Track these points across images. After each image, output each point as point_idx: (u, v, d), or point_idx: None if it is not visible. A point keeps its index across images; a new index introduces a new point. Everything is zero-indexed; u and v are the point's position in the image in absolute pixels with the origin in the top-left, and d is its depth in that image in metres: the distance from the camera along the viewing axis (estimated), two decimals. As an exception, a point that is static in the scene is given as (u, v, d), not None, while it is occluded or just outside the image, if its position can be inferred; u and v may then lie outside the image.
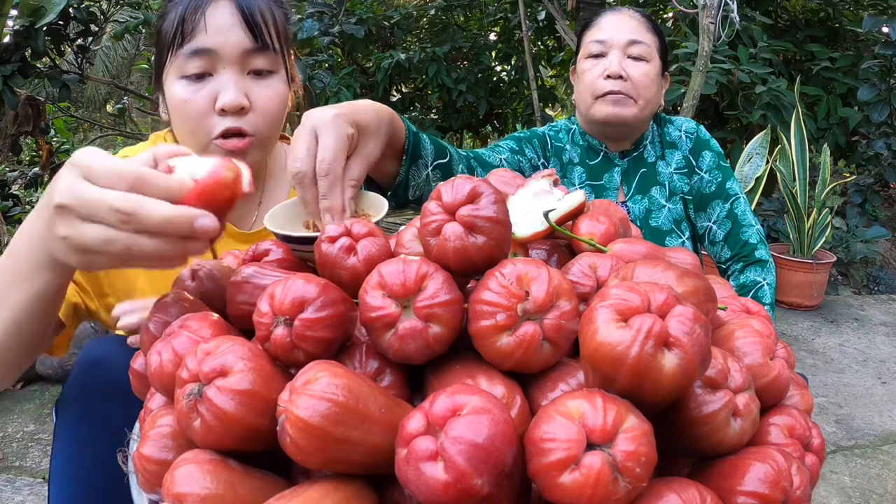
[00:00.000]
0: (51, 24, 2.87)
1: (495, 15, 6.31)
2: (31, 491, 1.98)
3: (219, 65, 0.95)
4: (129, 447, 0.63)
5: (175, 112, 0.98)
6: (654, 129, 1.54)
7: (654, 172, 1.51)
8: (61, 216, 0.58)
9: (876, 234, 3.93)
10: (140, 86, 8.68)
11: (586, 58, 1.48)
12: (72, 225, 0.58)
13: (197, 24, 0.93)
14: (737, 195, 1.48)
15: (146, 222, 0.56)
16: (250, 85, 0.98)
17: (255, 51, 0.97)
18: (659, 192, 1.50)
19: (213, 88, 0.95)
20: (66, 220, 0.58)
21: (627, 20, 1.47)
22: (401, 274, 0.54)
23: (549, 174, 0.79)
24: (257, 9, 0.96)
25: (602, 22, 1.48)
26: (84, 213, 0.57)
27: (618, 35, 1.44)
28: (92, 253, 0.58)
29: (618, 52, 1.42)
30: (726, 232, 1.47)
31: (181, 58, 0.95)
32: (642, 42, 1.44)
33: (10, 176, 4.20)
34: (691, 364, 0.46)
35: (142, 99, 6.11)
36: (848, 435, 2.37)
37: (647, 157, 1.53)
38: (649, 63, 1.44)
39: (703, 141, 1.51)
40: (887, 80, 3.97)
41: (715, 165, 1.48)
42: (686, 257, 0.72)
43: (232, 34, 0.95)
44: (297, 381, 0.48)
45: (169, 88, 0.98)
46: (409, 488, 0.44)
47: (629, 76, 1.41)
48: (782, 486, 0.48)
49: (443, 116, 6.33)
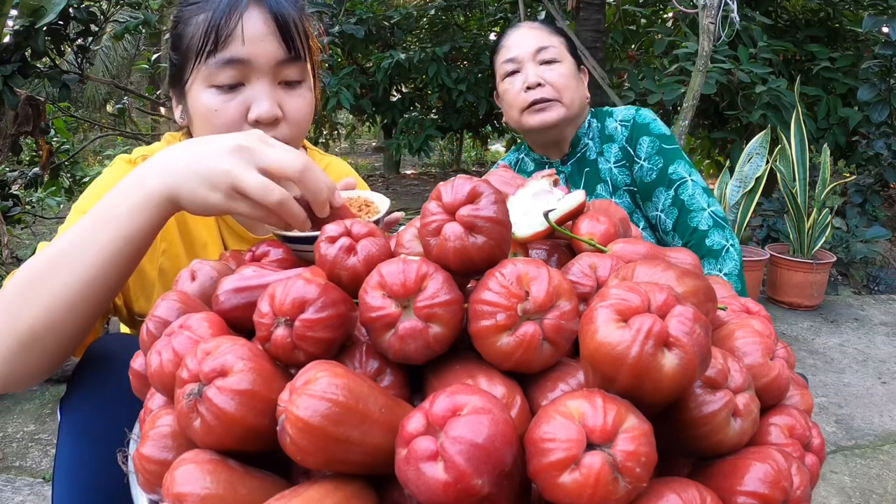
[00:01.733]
0: (51, 24, 2.87)
1: (495, 15, 6.31)
2: (31, 491, 1.98)
3: (251, 75, 0.94)
4: (129, 447, 0.63)
5: (203, 120, 0.96)
6: (593, 126, 1.54)
7: (596, 169, 1.52)
8: (235, 154, 0.69)
9: (876, 234, 3.93)
10: (140, 86, 8.68)
11: (503, 79, 1.53)
12: (242, 165, 0.69)
13: (231, 33, 0.91)
14: (682, 179, 1.39)
15: (312, 184, 0.72)
16: (282, 95, 0.97)
17: (288, 61, 0.95)
18: (603, 188, 1.51)
19: (246, 98, 0.94)
20: (239, 159, 0.69)
21: (529, 31, 1.53)
22: (401, 274, 0.54)
23: (550, 174, 0.79)
24: (291, 18, 0.95)
25: (507, 42, 1.54)
26: (261, 158, 0.70)
27: (524, 47, 1.49)
28: (239, 196, 0.70)
29: (530, 63, 1.48)
30: (674, 220, 1.40)
31: (212, 66, 0.92)
32: (549, 46, 1.49)
33: (10, 176, 4.19)
34: (691, 364, 0.46)
35: (142, 99, 6.12)
36: (848, 435, 2.37)
37: (589, 154, 1.54)
38: (562, 63, 1.49)
39: (641, 126, 1.45)
40: (887, 80, 3.97)
41: (655, 151, 1.42)
42: (686, 257, 0.72)
43: (267, 44, 0.93)
44: (297, 381, 0.48)
45: (195, 96, 0.95)
46: (409, 488, 0.44)
47: (546, 81, 1.46)
48: (782, 486, 0.48)
49: (443, 116, 6.33)
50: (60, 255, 0.72)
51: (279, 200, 0.70)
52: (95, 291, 0.73)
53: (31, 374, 0.75)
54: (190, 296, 0.68)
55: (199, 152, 0.71)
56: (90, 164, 6.78)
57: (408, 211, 5.25)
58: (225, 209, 0.72)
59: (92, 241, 0.72)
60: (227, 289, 0.64)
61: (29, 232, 4.73)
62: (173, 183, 0.71)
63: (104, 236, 0.72)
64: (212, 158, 0.70)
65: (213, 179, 0.70)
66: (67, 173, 4.72)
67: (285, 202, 0.70)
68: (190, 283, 0.71)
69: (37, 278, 0.72)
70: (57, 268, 0.71)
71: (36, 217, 4.62)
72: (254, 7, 0.93)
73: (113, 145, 7.52)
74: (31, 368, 0.74)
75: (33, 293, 0.71)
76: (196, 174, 0.70)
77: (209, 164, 0.70)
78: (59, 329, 0.72)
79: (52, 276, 0.71)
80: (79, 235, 0.72)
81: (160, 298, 0.66)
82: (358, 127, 8.82)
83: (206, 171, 0.70)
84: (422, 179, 8.29)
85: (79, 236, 0.72)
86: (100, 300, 0.74)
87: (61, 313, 0.71)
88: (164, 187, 0.71)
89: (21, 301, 0.71)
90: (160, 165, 0.73)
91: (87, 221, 0.73)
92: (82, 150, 5.45)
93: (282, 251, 0.75)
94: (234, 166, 0.69)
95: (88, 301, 0.73)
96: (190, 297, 0.68)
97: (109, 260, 0.72)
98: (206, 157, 0.70)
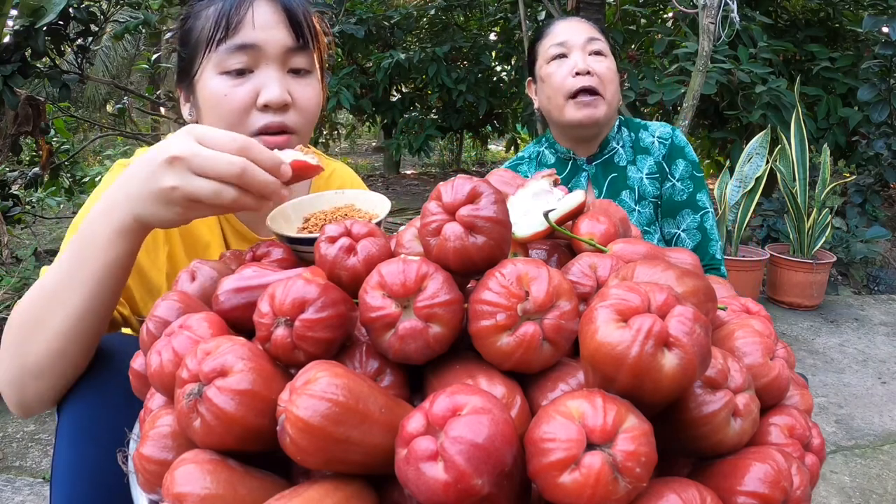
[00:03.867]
0: (51, 24, 2.87)
1: (495, 15, 6.31)
2: (31, 491, 1.98)
3: (261, 61, 0.96)
4: (129, 447, 0.63)
5: (212, 107, 0.97)
6: (624, 135, 1.57)
7: (624, 177, 1.54)
8: (173, 168, 0.68)
9: (876, 234, 3.93)
10: (140, 86, 8.68)
11: (549, 62, 1.51)
12: (184, 176, 0.68)
13: (242, 20, 0.94)
14: (706, 209, 1.51)
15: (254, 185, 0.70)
16: (291, 82, 0.98)
17: (297, 49, 0.97)
18: (628, 195, 1.53)
19: (255, 84, 0.95)
20: (179, 172, 0.68)
21: (579, 23, 1.53)
22: (401, 274, 0.54)
23: (550, 174, 0.79)
24: (299, 8, 0.98)
25: (556, 29, 1.54)
26: (198, 165, 0.68)
27: (576, 36, 1.49)
28: (196, 204, 0.69)
29: (579, 51, 1.47)
30: (696, 243, 1.50)
31: (222, 53, 0.95)
32: (599, 39, 1.49)
33: (10, 176, 4.20)
34: (691, 364, 0.46)
35: (142, 99, 6.11)
36: (848, 435, 2.37)
37: (618, 161, 1.55)
38: (608, 58, 1.49)
39: (678, 148, 1.53)
40: (887, 80, 3.97)
41: (688, 175, 1.51)
42: (686, 257, 0.72)
43: (276, 31, 0.96)
44: (297, 381, 0.48)
45: (204, 85, 0.97)
46: (409, 488, 0.44)
47: (595, 72, 1.45)
48: (782, 486, 0.48)
49: (443, 116, 6.33)
50: (51, 294, 0.77)
51: (234, 198, 0.69)
52: (89, 321, 0.77)
53: (42, 401, 0.80)
54: (190, 296, 0.68)
55: (145, 172, 0.71)
56: (90, 164, 6.78)
57: (408, 211, 5.25)
58: (192, 218, 0.74)
59: (76, 277, 0.75)
60: (227, 289, 0.64)
61: (29, 232, 4.72)
62: (138, 209, 0.72)
63: (86, 272, 0.75)
64: (156, 177, 0.69)
65: (166, 198, 0.69)
66: (67, 173, 4.72)
67: (240, 196, 0.70)
68: (190, 283, 0.71)
69: (34, 318, 0.77)
70: (51, 305, 0.76)
71: (36, 217, 4.62)
72: None
73: (113, 145, 7.52)
74: (42, 395, 0.80)
75: (35, 332, 0.76)
76: (151, 196, 0.70)
77: (157, 184, 0.69)
78: (63, 359, 0.78)
79: (50, 315, 0.76)
80: (66, 271, 0.76)
81: (160, 298, 0.66)
82: (358, 127, 8.82)
83: (157, 191, 0.69)
84: (422, 179, 8.29)
85: (66, 272, 0.76)
86: (96, 327, 0.79)
87: (62, 345, 0.77)
88: (132, 215, 0.72)
89: (25, 339, 0.77)
90: (124, 191, 0.73)
91: (69, 257, 0.77)
92: (82, 150, 5.45)
93: (282, 251, 0.75)
94: (177, 180, 0.68)
95: (85, 331, 0.78)
96: (190, 297, 0.68)
97: (95, 291, 0.76)
98: (152, 178, 0.70)
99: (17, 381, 0.78)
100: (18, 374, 0.78)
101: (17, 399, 0.79)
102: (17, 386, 0.78)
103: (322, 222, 0.87)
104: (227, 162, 0.68)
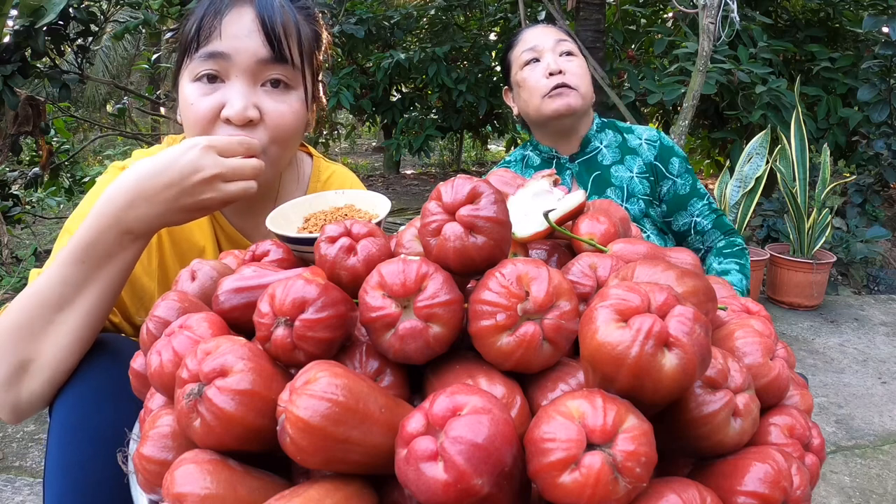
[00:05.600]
0: (51, 24, 2.87)
1: (495, 15, 6.31)
2: (31, 491, 1.98)
3: (231, 71, 0.92)
4: (129, 447, 0.63)
5: (183, 113, 0.97)
6: (609, 136, 1.65)
7: (609, 175, 1.61)
8: (210, 184, 0.81)
9: (876, 234, 3.92)
10: (140, 86, 8.68)
11: (522, 68, 1.59)
12: (219, 188, 0.82)
13: (214, 29, 0.92)
14: (706, 193, 1.64)
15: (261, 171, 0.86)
16: (263, 97, 0.94)
17: (271, 61, 0.93)
18: (614, 192, 1.59)
19: (222, 96, 0.92)
20: (215, 186, 0.81)
21: (547, 28, 1.62)
22: (401, 274, 0.54)
23: (550, 174, 0.79)
24: (279, 20, 0.93)
25: (525, 36, 1.62)
26: (230, 176, 0.83)
27: (545, 40, 1.58)
28: (227, 202, 0.83)
29: (550, 53, 1.55)
30: (713, 220, 1.62)
31: (196, 60, 0.93)
32: (567, 40, 1.59)
33: (10, 176, 4.20)
34: (691, 364, 0.46)
35: (142, 99, 6.12)
36: (848, 435, 2.37)
37: (602, 160, 1.62)
38: (579, 57, 1.58)
39: (668, 148, 1.62)
40: (887, 80, 3.96)
41: (684, 170, 1.61)
42: (686, 257, 0.72)
43: (248, 41, 0.92)
44: (297, 381, 0.48)
45: (181, 89, 0.97)
46: (409, 488, 0.44)
47: (567, 70, 1.53)
48: (782, 486, 0.48)
49: (443, 116, 6.33)
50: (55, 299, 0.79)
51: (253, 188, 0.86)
52: (98, 324, 0.82)
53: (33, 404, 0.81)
54: (190, 296, 0.68)
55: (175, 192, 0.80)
56: (90, 164, 6.78)
57: (408, 211, 5.25)
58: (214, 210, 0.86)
59: (89, 281, 0.80)
60: (227, 289, 0.64)
61: (29, 232, 4.73)
62: (167, 219, 0.82)
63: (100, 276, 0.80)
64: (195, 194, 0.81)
65: (202, 207, 0.82)
66: (67, 173, 4.72)
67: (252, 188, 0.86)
68: (190, 283, 0.71)
69: (29, 322, 0.78)
70: (55, 310, 0.79)
71: (36, 217, 4.63)
72: (242, 6, 0.94)
73: (113, 145, 7.53)
74: (35, 398, 0.81)
75: (34, 335, 0.78)
76: (186, 208, 0.81)
77: (194, 198, 0.81)
78: (64, 362, 0.80)
79: (52, 320, 0.79)
80: (72, 276, 0.79)
81: (160, 298, 0.66)
82: (358, 127, 8.81)
83: (193, 204, 0.81)
84: (422, 179, 8.29)
85: (73, 277, 0.79)
86: (99, 329, 0.83)
87: (67, 349, 0.79)
88: (150, 228, 0.81)
89: (22, 342, 0.78)
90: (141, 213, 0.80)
91: (73, 261, 0.79)
92: (82, 150, 5.45)
93: (282, 251, 0.75)
94: (215, 192, 0.82)
95: (92, 334, 0.82)
96: (190, 297, 0.68)
97: (106, 294, 0.81)
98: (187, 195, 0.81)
99: (9, 385, 0.78)
100: (13, 377, 0.78)
101: (12, 402, 0.79)
102: (9, 389, 0.79)
103: (322, 222, 0.87)
104: (251, 167, 0.85)
